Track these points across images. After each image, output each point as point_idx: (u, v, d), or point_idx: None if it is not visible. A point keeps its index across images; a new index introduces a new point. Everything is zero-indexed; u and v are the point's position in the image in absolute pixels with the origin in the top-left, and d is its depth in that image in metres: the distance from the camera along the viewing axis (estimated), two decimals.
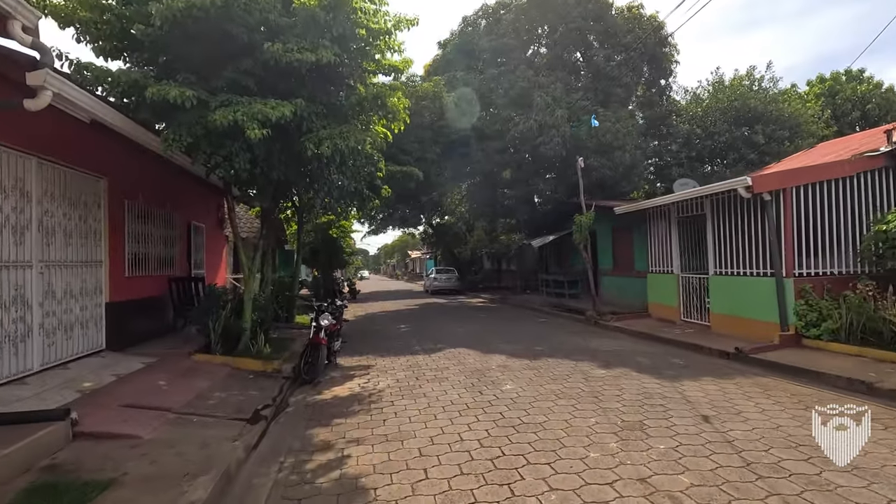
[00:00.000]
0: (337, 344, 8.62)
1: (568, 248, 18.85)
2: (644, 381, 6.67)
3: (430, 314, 17.21)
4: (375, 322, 15.30)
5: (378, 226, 34.74)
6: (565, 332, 11.71)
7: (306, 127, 6.66)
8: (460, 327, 13.04)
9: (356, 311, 18.98)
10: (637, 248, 14.44)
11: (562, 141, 15.55)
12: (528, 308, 17.47)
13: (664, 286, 11.79)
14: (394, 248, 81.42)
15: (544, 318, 14.82)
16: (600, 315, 13.11)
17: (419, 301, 23.44)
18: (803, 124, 20.40)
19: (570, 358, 8.38)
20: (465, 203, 24.91)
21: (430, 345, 10.30)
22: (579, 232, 13.49)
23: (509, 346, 9.68)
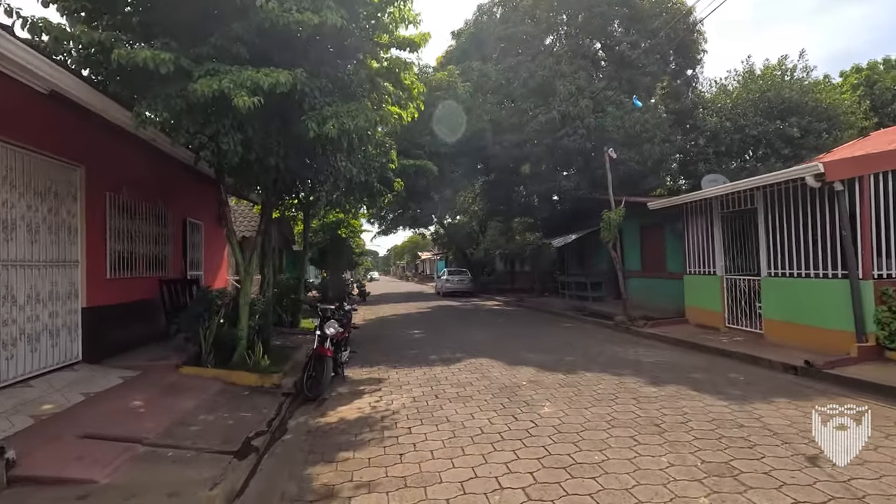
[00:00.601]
0: (345, 354, 7.65)
1: (590, 248, 17.76)
2: (707, 402, 5.61)
3: (444, 318, 16.21)
4: (387, 326, 14.34)
5: (388, 226, 33.90)
6: (595, 339, 10.64)
7: (308, 104, 5.70)
8: (479, 333, 12.02)
9: (366, 314, 18.04)
10: (669, 247, 13.33)
11: (586, 132, 14.48)
12: (549, 312, 16.40)
13: (705, 289, 10.68)
14: (404, 249, 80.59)
15: (568, 324, 13.75)
16: (631, 320, 12.03)
17: (431, 304, 22.45)
18: (841, 115, 19.08)
19: (609, 371, 7.32)
20: (480, 201, 23.85)
21: (448, 354, 9.30)
22: (608, 229, 12.41)
23: (537, 356, 8.65)
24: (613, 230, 12.36)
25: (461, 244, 32.83)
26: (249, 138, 5.63)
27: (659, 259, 13.74)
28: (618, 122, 14.51)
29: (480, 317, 16.18)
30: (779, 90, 19.62)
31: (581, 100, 14.55)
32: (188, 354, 7.15)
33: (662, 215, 13.23)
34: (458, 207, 27.00)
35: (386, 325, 14.79)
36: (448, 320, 15.38)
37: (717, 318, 10.21)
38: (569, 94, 14.61)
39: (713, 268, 10.47)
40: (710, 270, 10.55)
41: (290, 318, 12.23)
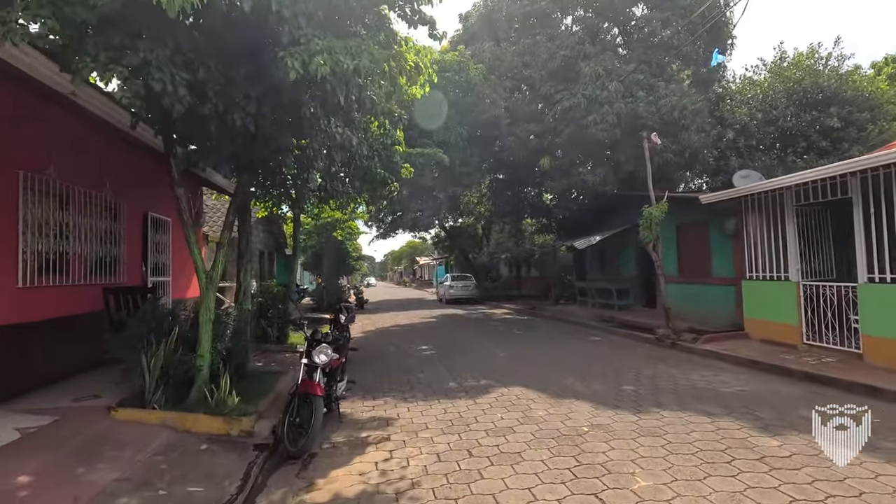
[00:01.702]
0: (341, 386, 5.83)
1: (612, 251, 16.03)
2: (874, 468, 3.82)
3: (453, 330, 14.40)
4: (389, 339, 12.51)
5: (387, 229, 32.15)
6: (641, 358, 8.87)
7: (289, 35, 3.93)
8: (498, 349, 10.23)
9: (364, 324, 16.21)
10: (716, 248, 11.59)
11: (616, 119, 12.78)
12: (570, 322, 14.62)
13: (773, 297, 8.93)
14: (401, 254, 78.79)
15: (597, 336, 11.97)
16: (676, 333, 10.27)
17: (435, 312, 20.62)
18: (885, 105, 17.49)
19: (691, 409, 5.54)
20: (487, 201, 22.10)
21: (470, 379, 7.49)
22: (648, 228, 10.66)
23: (584, 385, 6.86)
24: (655, 229, 10.61)
25: (464, 248, 31.06)
26: (202, 82, 3.85)
27: (701, 262, 11.99)
28: (652, 107, 12.82)
29: (494, 328, 14.38)
30: (815, 78, 18.03)
31: (609, 83, 12.85)
32: (132, 390, 5.31)
33: (707, 212, 11.51)
34: (463, 208, 25.25)
35: (388, 338, 12.96)
36: (458, 333, 13.56)
37: (791, 333, 8.45)
38: (595, 75, 12.92)
39: (784, 272, 8.73)
40: (781, 275, 8.81)
41: (276, 333, 10.39)
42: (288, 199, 10.95)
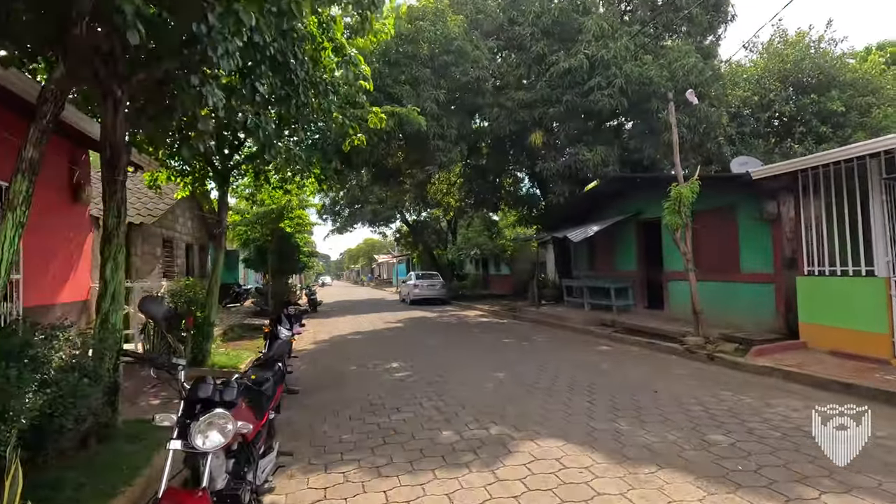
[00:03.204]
0: (264, 468, 3.21)
1: (607, 244, 14.00)
2: None
3: (426, 338, 11.91)
4: (347, 354, 9.88)
5: (344, 222, 29.30)
6: (684, 378, 6.73)
7: None
8: (495, 369, 7.83)
9: (316, 331, 13.46)
10: (747, 238, 9.68)
11: (623, 84, 10.69)
12: (564, 328, 12.45)
13: (849, 297, 7.00)
14: (358, 252, 75.42)
15: (606, 346, 9.82)
16: (711, 343, 8.24)
17: (400, 315, 18.04)
18: (884, 89, 16.43)
19: (845, 487, 3.34)
20: (460, 189, 19.70)
21: (474, 425, 5.05)
22: (675, 212, 8.58)
23: (650, 434, 4.57)
24: (685, 213, 8.53)
25: (429, 244, 28.59)
26: None
27: (726, 256, 10.06)
28: (665, 70, 10.83)
29: (476, 336, 11.99)
30: (814, 60, 16.77)
31: (612, 42, 10.72)
32: None
33: (734, 195, 9.63)
34: (430, 198, 22.80)
35: (345, 351, 10.31)
36: (434, 342, 11.09)
37: (877, 344, 6.53)
38: (599, 31, 10.78)
39: (866, 265, 6.80)
40: (861, 269, 6.88)
41: (193, 350, 7.55)
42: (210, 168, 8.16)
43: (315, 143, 8.02)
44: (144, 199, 11.04)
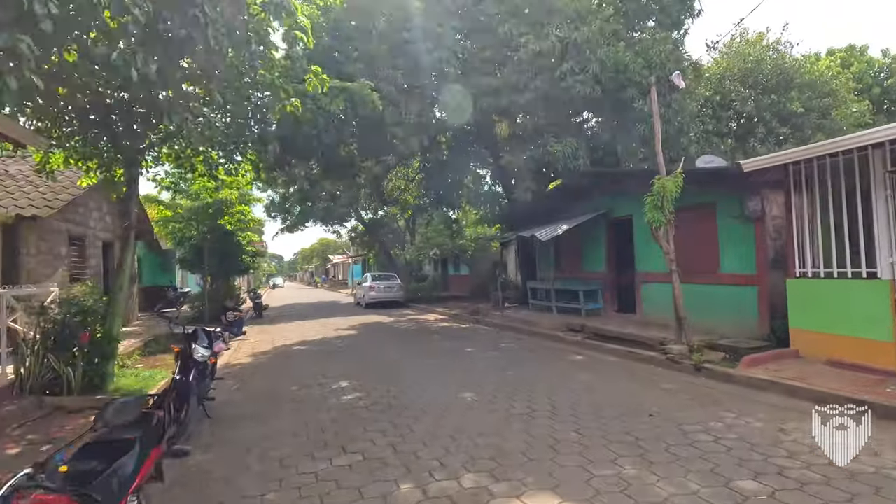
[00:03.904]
0: None
1: (574, 243, 13.26)
2: None
3: (382, 347, 10.72)
4: (289, 370, 8.55)
5: (294, 221, 27.51)
6: (674, 395, 5.92)
7: None
8: (462, 386, 6.76)
9: (258, 341, 11.99)
10: (727, 237, 9.09)
11: (598, 69, 9.90)
12: (532, 333, 11.56)
13: (847, 301, 6.40)
14: (312, 252, 72.74)
15: (580, 355, 8.96)
16: (696, 351, 7.52)
17: (354, 320, 16.70)
18: (839, 92, 16.61)
19: None
20: (418, 185, 18.54)
21: (441, 472, 3.95)
22: (658, 207, 7.82)
23: (659, 479, 3.64)
24: (668, 208, 7.79)
25: (386, 243, 27.27)
26: None
27: (703, 256, 9.45)
28: (640, 58, 10.13)
29: (437, 345, 10.91)
30: (774, 60, 16.75)
31: (587, 26, 9.90)
32: None
33: (715, 191, 9.03)
34: (387, 195, 21.52)
35: (287, 366, 8.98)
36: (391, 353, 9.92)
37: (881, 353, 5.93)
38: (573, 13, 9.94)
39: (867, 266, 6.21)
40: (859, 272, 6.28)
41: (87, 374, 6.03)
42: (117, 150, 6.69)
43: (245, 121, 6.69)
44: (44, 187, 9.26)
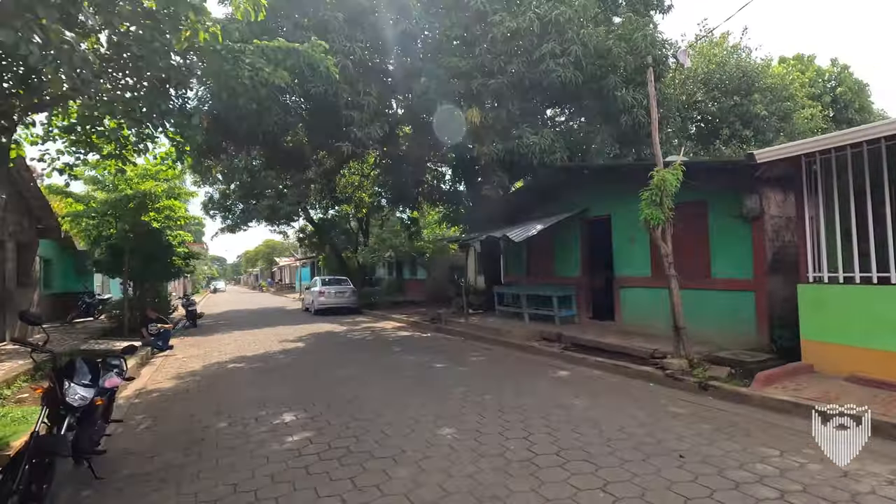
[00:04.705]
0: None
1: (545, 246, 12.34)
2: None
3: (335, 364, 9.28)
4: (220, 398, 6.98)
5: (237, 219, 25.31)
6: (689, 425, 4.97)
7: None
8: (435, 421, 5.51)
9: (187, 358, 10.20)
10: (721, 238, 8.37)
11: (581, 53, 8.96)
12: (503, 344, 10.47)
13: (870, 311, 5.69)
14: (257, 254, 69.00)
15: (564, 371, 7.94)
16: (698, 366, 6.68)
17: (303, 329, 15.05)
18: (797, 96, 16.74)
19: None
20: (373, 182, 17.09)
21: None
22: (656, 203, 6.93)
23: None
24: (668, 204, 6.91)
25: (337, 245, 25.54)
26: None
27: (693, 259, 8.70)
28: (623, 42, 9.28)
29: (399, 359, 9.58)
30: (738, 62, 16.67)
31: (566, 6, 8.92)
32: None
33: (707, 188, 8.28)
34: (340, 192, 19.89)
35: (218, 391, 7.38)
36: (345, 372, 8.51)
37: None
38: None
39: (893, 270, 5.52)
40: (888, 276, 5.58)
41: None
42: None
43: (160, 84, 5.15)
44: None
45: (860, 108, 19.73)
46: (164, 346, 11.31)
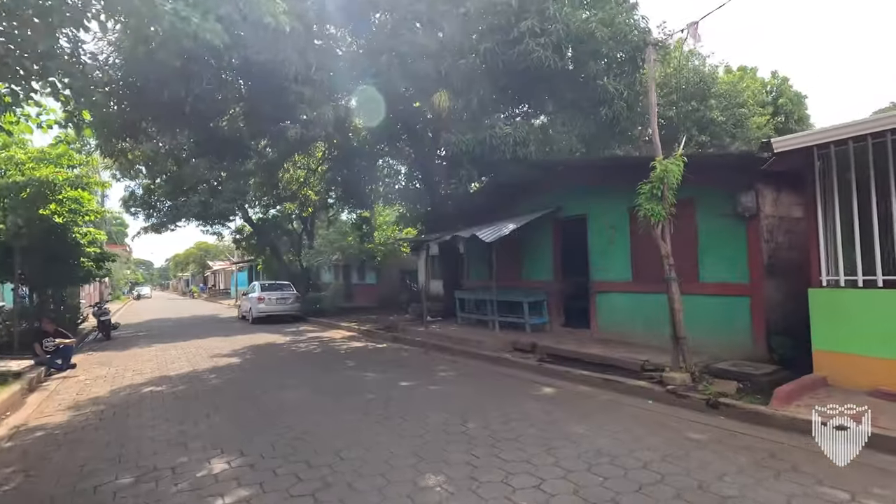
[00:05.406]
0: None
1: (511, 249, 11.44)
2: None
3: (278, 387, 7.84)
4: (126, 437, 5.43)
5: (163, 218, 22.80)
6: (720, 453, 4.13)
7: None
8: (414, 465, 4.35)
9: (94, 379, 8.37)
10: (710, 239, 7.78)
11: (563, 33, 8.10)
12: (472, 356, 9.43)
13: (894, 318, 5.14)
14: (188, 257, 64.20)
15: (548, 388, 7.01)
16: (701, 380, 5.96)
17: (239, 340, 13.30)
18: (749, 103, 17.05)
19: None
20: (321, 179, 15.58)
21: None
22: (655, 198, 6.17)
23: None
24: (671, 198, 6.17)
25: (279, 247, 23.58)
26: None
27: (678, 261, 8.01)
28: (605, 27, 8.57)
29: (354, 377, 8.27)
30: (695, 67, 16.73)
31: None
32: None
33: (695, 184, 7.66)
34: (284, 188, 18.15)
35: (124, 428, 5.79)
36: (292, 396, 7.13)
37: None
38: None
39: None
40: None
41: None
42: None
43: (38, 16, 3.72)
44: None
45: (799, 119, 20.61)
46: (63, 366, 9.34)
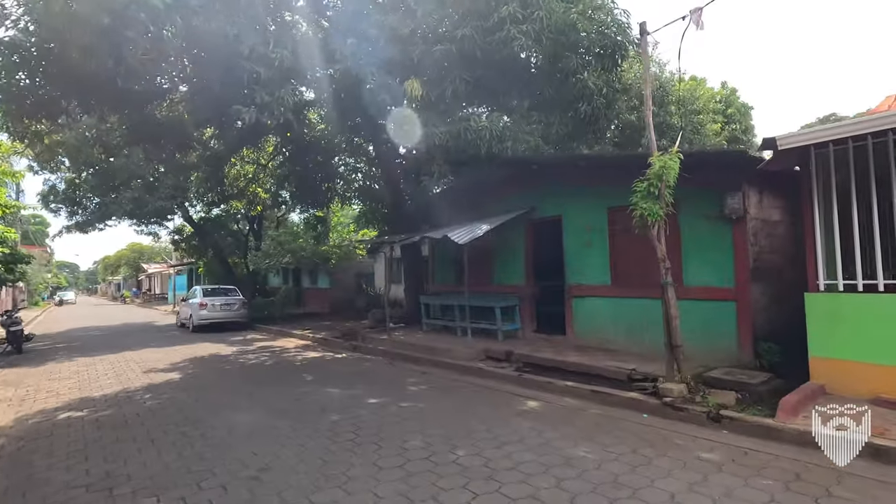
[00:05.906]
0: None
1: (481, 252, 10.89)
2: None
3: (229, 408, 6.84)
4: (33, 477, 4.35)
5: (91, 216, 20.67)
6: (739, 475, 3.70)
7: None
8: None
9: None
10: (694, 242, 7.53)
11: (546, 22, 7.59)
12: (436, 364, 8.77)
13: None
14: (119, 259, 59.56)
15: (532, 400, 6.46)
16: (697, 391, 5.62)
17: (177, 351, 11.94)
18: (707, 111, 17.46)
19: None
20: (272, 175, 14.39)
21: None
22: (652, 196, 5.80)
23: None
24: (666, 197, 5.81)
25: (223, 249, 21.92)
26: None
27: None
28: (584, 20, 8.13)
29: (313, 394, 7.38)
30: (655, 73, 16.90)
31: None
32: None
33: (679, 185, 7.40)
34: (230, 185, 16.72)
35: (25, 466, 4.68)
36: (241, 420, 6.18)
37: None
38: None
39: None
40: None
41: None
42: None
43: None
44: None
45: (745, 129, 21.51)
46: None
